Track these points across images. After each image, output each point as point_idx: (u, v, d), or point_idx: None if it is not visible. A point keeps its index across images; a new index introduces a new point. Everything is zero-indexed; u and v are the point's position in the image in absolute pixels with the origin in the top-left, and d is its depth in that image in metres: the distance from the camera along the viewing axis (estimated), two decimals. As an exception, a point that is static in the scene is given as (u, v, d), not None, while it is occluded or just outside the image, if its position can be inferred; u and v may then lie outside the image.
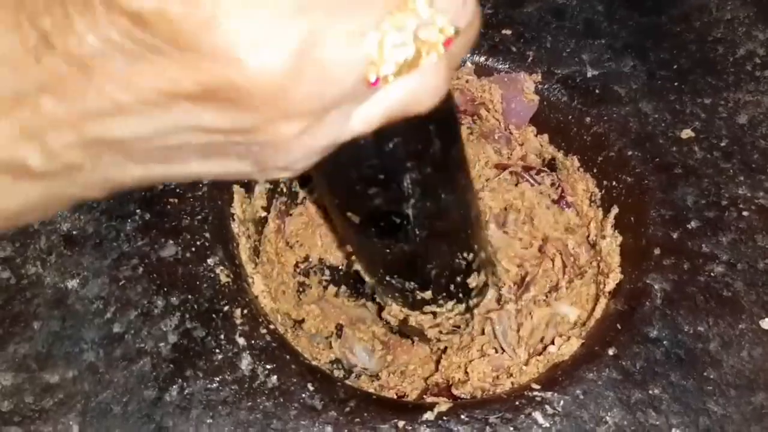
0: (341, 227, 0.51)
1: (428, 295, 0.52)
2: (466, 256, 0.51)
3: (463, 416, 0.45)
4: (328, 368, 0.60)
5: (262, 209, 0.61)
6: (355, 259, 0.55)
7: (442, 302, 0.54)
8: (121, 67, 0.23)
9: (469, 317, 0.57)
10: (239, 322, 0.49)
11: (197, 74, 0.23)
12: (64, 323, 0.48)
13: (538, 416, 0.45)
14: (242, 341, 0.48)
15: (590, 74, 0.61)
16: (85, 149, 0.26)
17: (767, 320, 0.48)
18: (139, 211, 0.53)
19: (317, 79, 0.24)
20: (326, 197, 0.47)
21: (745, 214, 0.53)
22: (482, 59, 0.64)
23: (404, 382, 0.60)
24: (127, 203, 0.53)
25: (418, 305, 0.54)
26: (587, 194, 0.61)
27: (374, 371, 0.62)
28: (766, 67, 0.60)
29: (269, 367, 0.47)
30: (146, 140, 0.25)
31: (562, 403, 0.45)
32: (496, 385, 0.54)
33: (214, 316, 0.49)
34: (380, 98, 0.26)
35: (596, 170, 0.60)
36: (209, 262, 0.51)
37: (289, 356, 0.48)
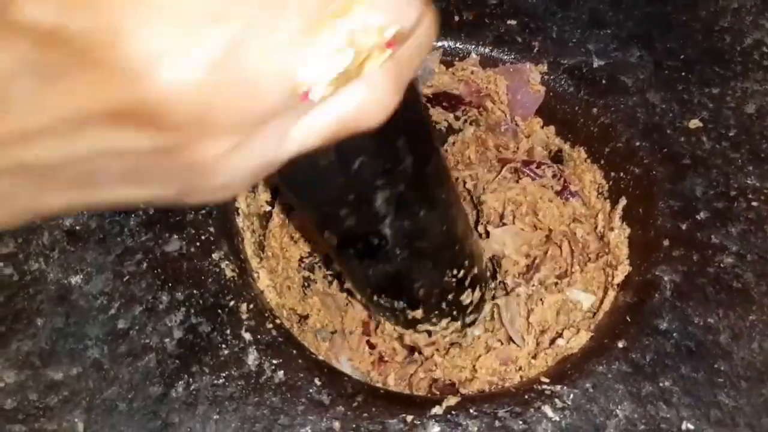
0: (324, 245, 0.49)
1: (419, 314, 0.50)
2: (455, 273, 0.49)
3: (471, 410, 0.45)
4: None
5: (266, 203, 0.61)
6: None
7: (435, 321, 0.52)
8: (33, 87, 0.21)
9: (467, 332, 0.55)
10: (245, 317, 0.48)
11: (106, 92, 0.21)
12: (67, 319, 0.48)
13: (547, 410, 0.45)
14: (248, 336, 0.48)
15: (596, 64, 0.61)
16: None
17: (778, 311, 0.48)
18: (142, 205, 0.52)
19: (241, 92, 0.21)
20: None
21: (754, 204, 0.52)
22: (487, 50, 0.63)
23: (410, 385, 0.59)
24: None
25: (411, 324, 0.53)
26: (595, 186, 0.60)
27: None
28: (773, 56, 0.59)
29: (276, 362, 0.47)
30: (62, 166, 0.23)
31: (571, 396, 0.45)
32: (504, 378, 0.53)
33: (219, 311, 0.49)
34: (320, 113, 0.24)
35: (603, 161, 0.60)
36: (214, 256, 0.51)
37: (295, 351, 0.47)
